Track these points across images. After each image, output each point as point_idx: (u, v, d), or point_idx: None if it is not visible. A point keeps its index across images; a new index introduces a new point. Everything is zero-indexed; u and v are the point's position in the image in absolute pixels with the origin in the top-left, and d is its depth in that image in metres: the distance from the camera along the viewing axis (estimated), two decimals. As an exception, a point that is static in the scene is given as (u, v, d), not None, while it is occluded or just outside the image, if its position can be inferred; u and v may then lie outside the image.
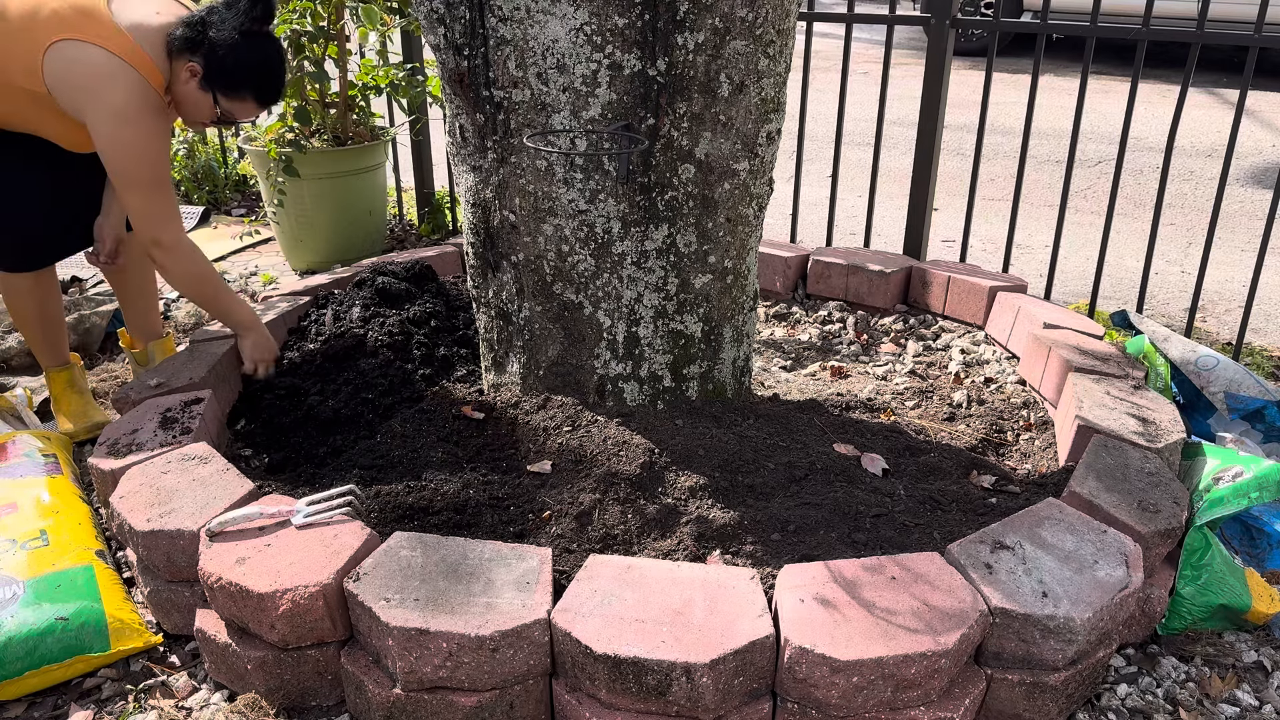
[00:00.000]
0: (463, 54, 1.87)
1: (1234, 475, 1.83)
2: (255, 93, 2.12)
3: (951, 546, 1.62)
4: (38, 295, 2.41)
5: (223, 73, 2.07)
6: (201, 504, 1.73)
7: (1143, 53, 2.69)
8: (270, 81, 2.13)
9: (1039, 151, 5.32)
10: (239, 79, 2.08)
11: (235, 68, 2.06)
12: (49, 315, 2.47)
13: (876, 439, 2.08)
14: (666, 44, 1.78)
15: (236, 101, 2.12)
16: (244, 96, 2.11)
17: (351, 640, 1.59)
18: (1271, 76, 7.02)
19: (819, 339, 2.78)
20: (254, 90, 2.11)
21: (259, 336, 2.34)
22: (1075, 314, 2.56)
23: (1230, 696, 1.65)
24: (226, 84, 2.08)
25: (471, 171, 2.01)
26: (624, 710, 1.44)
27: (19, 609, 1.68)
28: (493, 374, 2.20)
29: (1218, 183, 2.68)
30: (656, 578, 1.54)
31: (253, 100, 2.13)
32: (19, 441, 2.20)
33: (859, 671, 1.39)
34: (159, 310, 2.67)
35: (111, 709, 1.65)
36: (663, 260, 1.96)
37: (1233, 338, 3.02)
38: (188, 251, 2.18)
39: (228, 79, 2.07)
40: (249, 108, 2.14)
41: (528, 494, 1.86)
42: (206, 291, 2.24)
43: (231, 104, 2.12)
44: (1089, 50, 2.75)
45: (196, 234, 4.14)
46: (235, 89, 2.09)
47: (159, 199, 2.10)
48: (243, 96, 2.11)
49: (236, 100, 2.11)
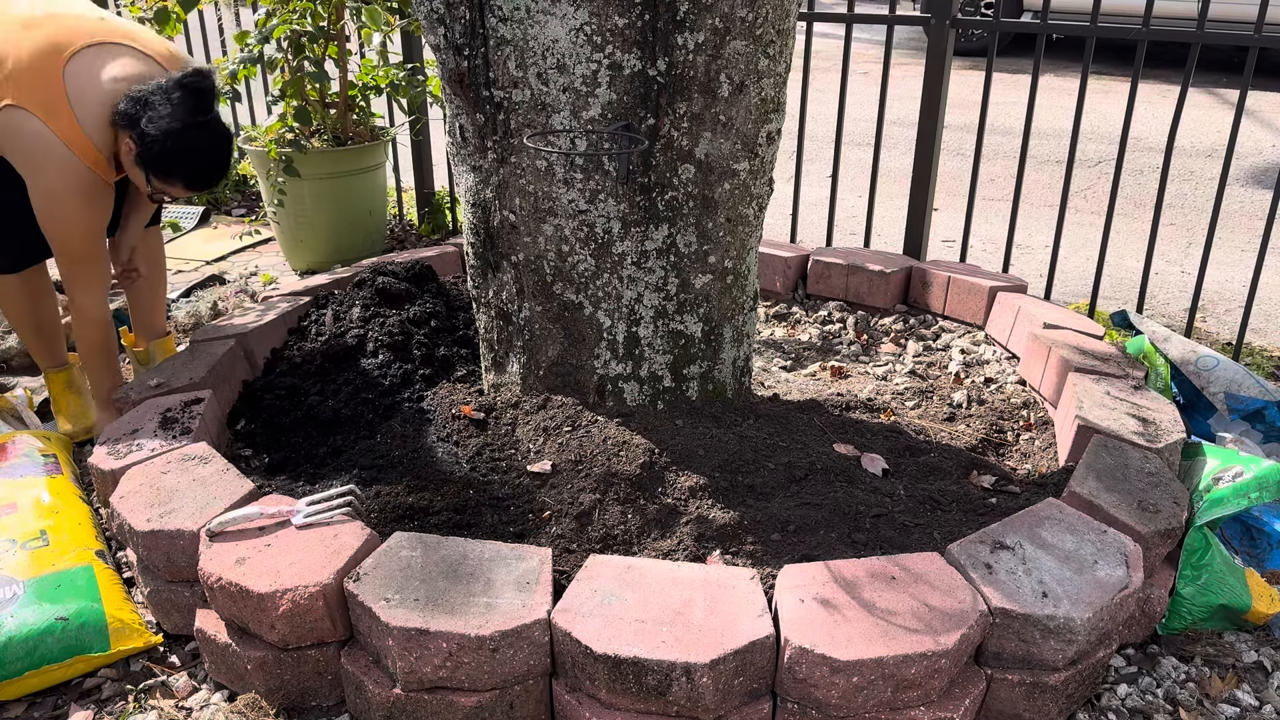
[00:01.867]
0: (463, 54, 1.87)
1: (1234, 475, 1.83)
2: (184, 180, 2.16)
3: (951, 546, 1.62)
4: (28, 297, 2.43)
5: (152, 159, 2.11)
6: (201, 504, 1.73)
7: (1143, 53, 2.69)
8: (199, 172, 2.17)
9: (1039, 151, 5.32)
10: (168, 167, 2.13)
11: (163, 157, 2.10)
12: (42, 317, 2.49)
13: (876, 439, 2.08)
14: (666, 44, 1.78)
15: (166, 184, 2.17)
16: (173, 182, 2.16)
17: (351, 640, 1.59)
18: (1271, 76, 7.02)
19: (819, 339, 2.78)
20: (183, 179, 2.16)
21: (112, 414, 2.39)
22: (1075, 314, 2.56)
23: (1230, 696, 1.65)
24: (156, 169, 2.13)
25: (471, 171, 2.01)
26: (624, 710, 1.44)
27: (19, 609, 1.68)
28: (493, 374, 2.20)
29: (1218, 183, 2.68)
30: (656, 578, 1.54)
31: (181, 186, 2.18)
32: (19, 442, 2.20)
33: (859, 671, 1.39)
34: (165, 308, 2.68)
35: (111, 709, 1.65)
36: (663, 260, 1.96)
37: (1233, 338, 3.02)
38: (97, 319, 2.31)
39: (157, 165, 2.12)
40: (178, 190, 2.19)
41: (528, 494, 1.86)
42: (93, 359, 2.36)
43: (162, 185, 2.17)
44: (1089, 50, 2.75)
45: (196, 234, 4.14)
46: (165, 174, 2.14)
47: (84, 269, 2.22)
48: (172, 182, 2.16)
49: (166, 183, 2.17)
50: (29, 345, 2.52)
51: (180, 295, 3.43)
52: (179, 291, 3.44)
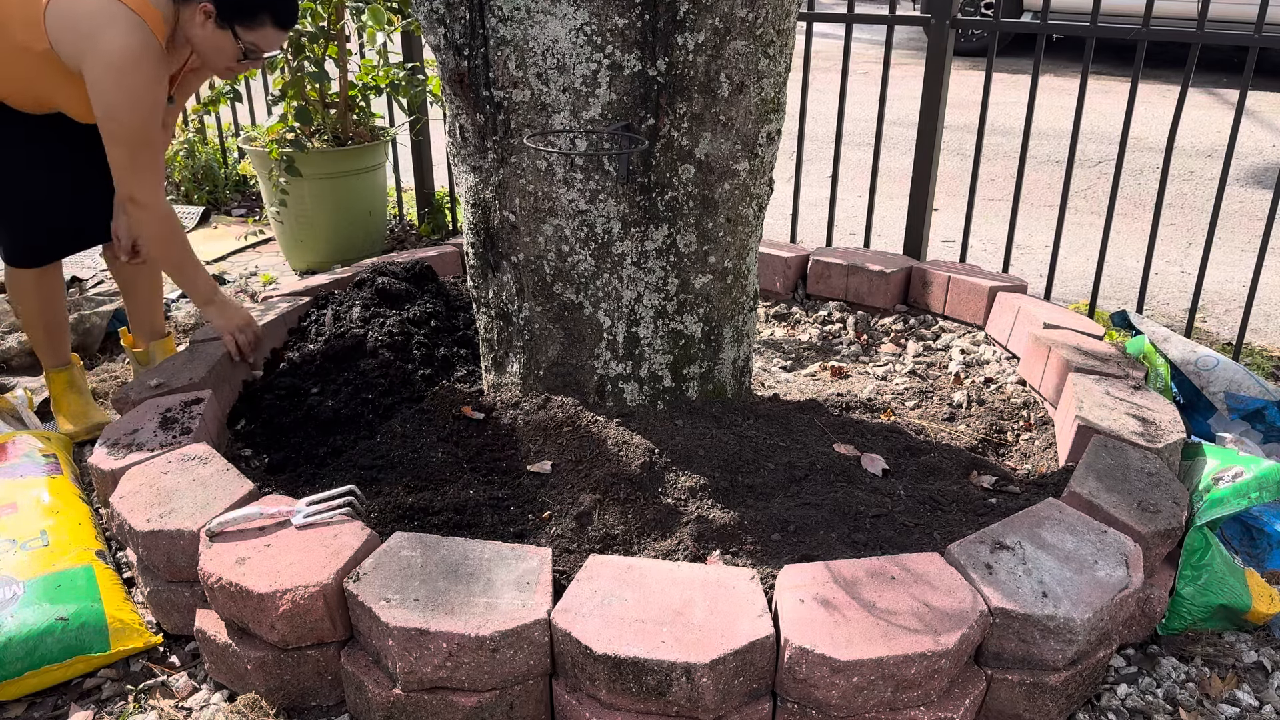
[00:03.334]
0: (463, 54, 1.87)
1: (1234, 475, 1.83)
2: (272, 15, 2.09)
3: (951, 547, 1.62)
4: (42, 293, 2.42)
5: (235, 5, 2.03)
6: (201, 504, 1.73)
7: (1143, 53, 2.69)
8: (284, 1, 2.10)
9: (1039, 151, 5.32)
10: (253, 5, 2.05)
11: None
12: (52, 315, 2.48)
13: (876, 439, 2.08)
14: (666, 44, 1.78)
15: (256, 30, 2.09)
16: (262, 22, 2.08)
17: (351, 640, 1.59)
18: (1271, 76, 7.02)
19: (819, 339, 2.78)
20: (270, 12, 2.08)
21: (222, 305, 2.32)
22: (1075, 314, 2.56)
23: (1230, 697, 1.65)
24: (241, 13, 2.05)
25: (471, 171, 2.01)
26: (624, 710, 1.44)
27: (19, 609, 1.68)
28: (493, 374, 2.20)
29: (1218, 183, 2.68)
30: (656, 578, 1.54)
31: (271, 25, 2.10)
32: (19, 442, 2.20)
33: (859, 672, 1.39)
34: (163, 308, 2.68)
35: (111, 709, 1.65)
36: (663, 260, 1.96)
37: (1233, 338, 3.02)
38: (163, 213, 2.17)
39: (240, 7, 2.04)
40: (269, 35, 2.11)
41: (528, 494, 1.86)
42: (173, 255, 2.23)
43: (252, 34, 2.09)
44: (1089, 50, 2.75)
45: (196, 234, 4.14)
46: (251, 16, 2.06)
47: (142, 154, 2.08)
48: (261, 22, 2.08)
49: (256, 29, 2.08)
50: (36, 342, 2.50)
51: (180, 295, 3.43)
52: (179, 291, 3.45)
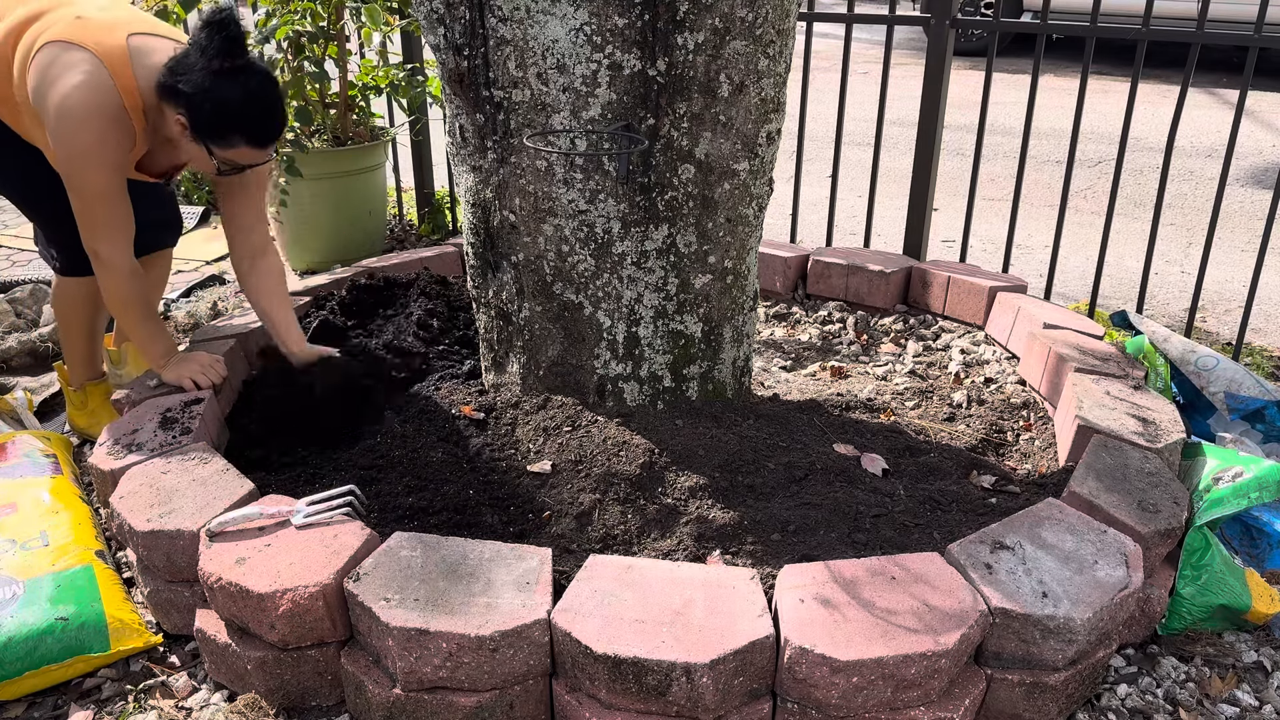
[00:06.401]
0: (463, 54, 1.87)
1: (1234, 475, 1.83)
2: (246, 137, 1.92)
3: (951, 546, 1.62)
4: (88, 302, 2.37)
5: (204, 123, 1.89)
6: (201, 504, 1.73)
7: (1143, 53, 2.69)
8: (258, 119, 1.92)
9: (1039, 151, 5.32)
10: (222, 126, 1.89)
11: (214, 115, 1.87)
12: (97, 325, 2.44)
13: (876, 439, 2.08)
14: (666, 44, 1.78)
15: (230, 150, 1.93)
16: (235, 144, 1.92)
17: (351, 640, 1.59)
18: (1271, 76, 7.01)
19: (819, 339, 2.78)
20: (244, 135, 1.91)
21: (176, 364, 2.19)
22: (1075, 314, 2.56)
23: (1230, 696, 1.65)
24: (213, 135, 1.90)
25: (471, 172, 2.01)
26: (624, 710, 1.44)
27: (19, 609, 1.68)
28: (493, 374, 2.20)
29: (1218, 183, 2.67)
30: (656, 578, 1.54)
31: (245, 145, 1.92)
32: (19, 442, 2.20)
33: (859, 672, 1.39)
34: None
35: (111, 709, 1.65)
36: (663, 260, 1.96)
37: (1233, 338, 3.02)
38: (124, 271, 2.06)
39: (211, 129, 1.89)
40: (245, 154, 1.95)
41: (528, 494, 1.86)
42: (130, 316, 2.13)
43: (226, 153, 1.94)
44: (1089, 50, 2.75)
45: (196, 234, 4.14)
46: (223, 138, 1.91)
47: (97, 208, 1.97)
48: (234, 144, 1.92)
49: (229, 149, 1.93)
50: (78, 355, 2.42)
51: (180, 295, 3.43)
52: (179, 292, 3.45)
